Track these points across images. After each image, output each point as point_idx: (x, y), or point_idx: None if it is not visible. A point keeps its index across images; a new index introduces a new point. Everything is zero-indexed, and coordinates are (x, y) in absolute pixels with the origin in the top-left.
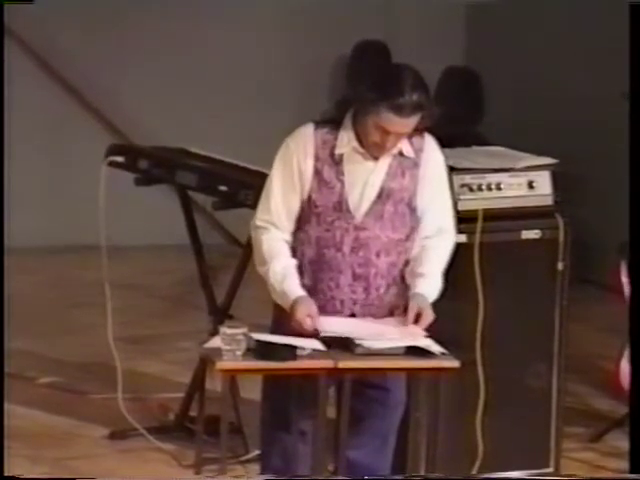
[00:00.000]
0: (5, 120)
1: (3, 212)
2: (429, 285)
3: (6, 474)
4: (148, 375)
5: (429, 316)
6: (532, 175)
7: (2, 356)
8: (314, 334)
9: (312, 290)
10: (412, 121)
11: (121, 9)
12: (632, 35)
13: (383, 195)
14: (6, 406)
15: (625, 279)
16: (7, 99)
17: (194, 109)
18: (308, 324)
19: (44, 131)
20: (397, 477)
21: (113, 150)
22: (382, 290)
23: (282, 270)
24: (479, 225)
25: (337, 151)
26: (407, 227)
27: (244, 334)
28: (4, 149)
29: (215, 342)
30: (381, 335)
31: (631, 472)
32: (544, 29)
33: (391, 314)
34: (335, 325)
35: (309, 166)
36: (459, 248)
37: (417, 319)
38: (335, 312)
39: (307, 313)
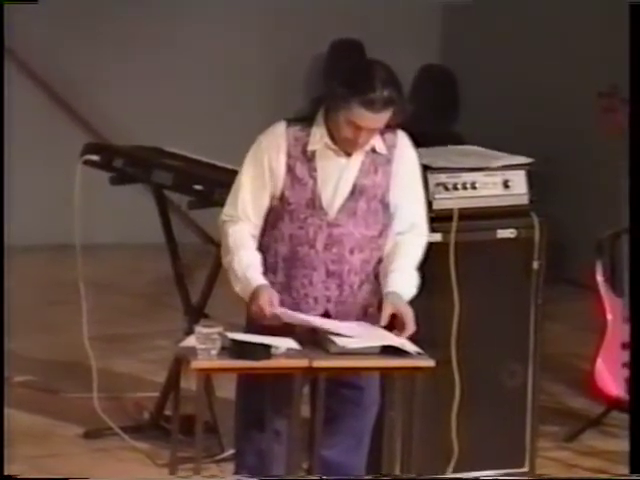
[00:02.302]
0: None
1: (3, 213)
2: (403, 281)
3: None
4: (123, 374)
5: (408, 315)
6: (508, 174)
7: (2, 357)
8: (275, 322)
9: (286, 287)
10: (383, 116)
11: (100, 8)
12: (632, 35)
13: (356, 192)
14: None
15: (600, 278)
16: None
17: (171, 108)
18: (268, 310)
19: (28, 132)
20: (367, 477)
21: (88, 149)
22: (355, 287)
23: (248, 259)
24: (454, 224)
25: (309, 148)
26: (380, 224)
27: (219, 333)
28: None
29: (190, 341)
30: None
31: (631, 472)
32: (521, 28)
33: (365, 312)
34: (299, 317)
35: (281, 163)
36: (434, 247)
37: (393, 319)
38: (309, 310)
39: (269, 300)
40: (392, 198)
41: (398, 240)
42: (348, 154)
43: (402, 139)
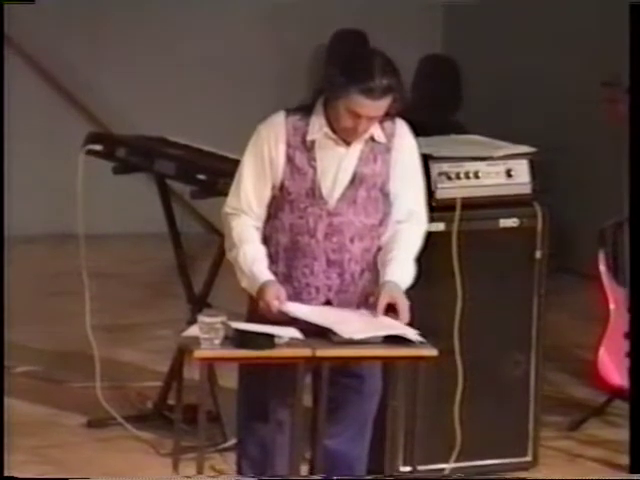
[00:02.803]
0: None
1: (4, 203)
2: (400, 270)
3: (6, 474)
4: (126, 364)
5: (404, 305)
6: (510, 164)
7: (2, 352)
8: (281, 317)
9: (287, 277)
10: (383, 104)
11: (103, 1)
12: (632, 35)
13: (356, 180)
14: None
15: (603, 267)
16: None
17: (174, 97)
18: (275, 306)
19: (30, 122)
20: (370, 477)
21: (91, 138)
22: (356, 276)
23: (253, 254)
24: (457, 213)
25: (309, 137)
26: (380, 212)
27: (222, 323)
28: (4, 143)
29: (193, 331)
30: (349, 322)
31: (631, 472)
32: (523, 19)
33: (366, 300)
34: (304, 311)
35: (281, 153)
36: (437, 237)
37: (390, 308)
38: (310, 299)
39: (276, 296)
40: (392, 186)
41: (397, 229)
42: (347, 143)
43: (401, 127)
